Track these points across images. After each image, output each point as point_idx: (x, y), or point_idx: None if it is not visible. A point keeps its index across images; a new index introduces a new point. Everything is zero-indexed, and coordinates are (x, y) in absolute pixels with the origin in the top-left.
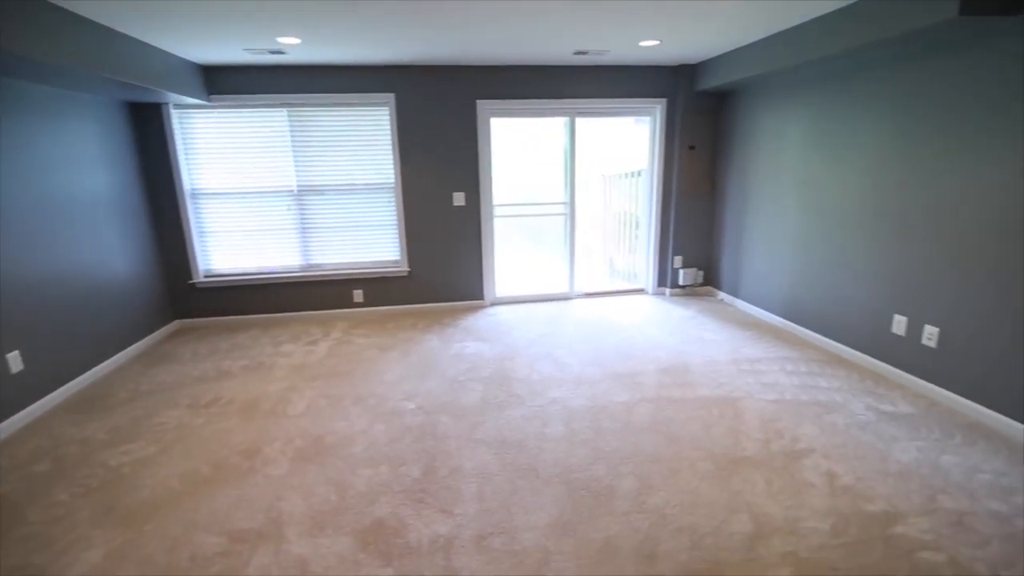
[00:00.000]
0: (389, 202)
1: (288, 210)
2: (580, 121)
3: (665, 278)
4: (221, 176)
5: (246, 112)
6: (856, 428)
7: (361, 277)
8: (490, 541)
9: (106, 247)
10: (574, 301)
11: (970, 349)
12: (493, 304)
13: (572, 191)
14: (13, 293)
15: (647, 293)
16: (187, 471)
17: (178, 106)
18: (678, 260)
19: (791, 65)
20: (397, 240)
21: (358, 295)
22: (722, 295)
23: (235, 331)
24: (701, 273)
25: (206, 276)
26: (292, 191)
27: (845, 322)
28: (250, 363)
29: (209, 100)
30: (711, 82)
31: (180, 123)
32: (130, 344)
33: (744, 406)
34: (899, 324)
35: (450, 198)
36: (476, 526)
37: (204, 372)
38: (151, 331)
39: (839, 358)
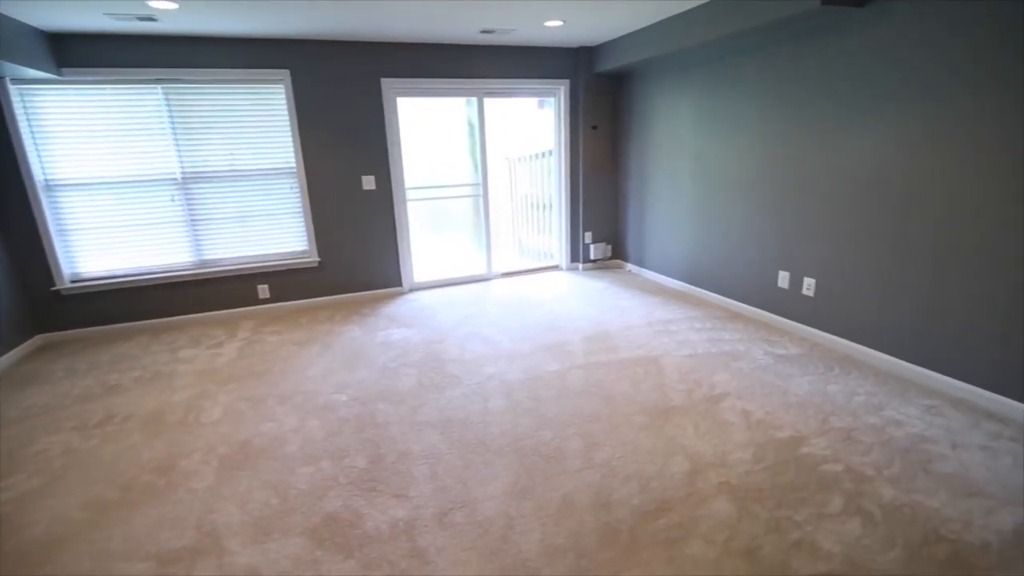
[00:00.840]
0: (292, 188)
1: (173, 201)
2: (488, 102)
3: (578, 254)
4: (84, 164)
5: (111, 89)
6: (759, 371)
7: (266, 271)
8: (452, 516)
9: None
10: (493, 281)
11: (839, 296)
12: (412, 290)
13: (485, 172)
14: None
15: (562, 269)
16: (89, 499)
17: (17, 80)
18: (588, 236)
19: (677, 49)
20: (304, 229)
21: (263, 290)
22: (630, 266)
23: (116, 341)
24: (610, 247)
25: (73, 281)
26: (176, 179)
27: (738, 281)
28: (144, 374)
29: (60, 74)
30: (609, 64)
31: (23, 101)
32: None
33: (664, 363)
34: (783, 279)
35: (359, 182)
36: (435, 505)
37: (87, 389)
38: (5, 351)
39: (736, 313)
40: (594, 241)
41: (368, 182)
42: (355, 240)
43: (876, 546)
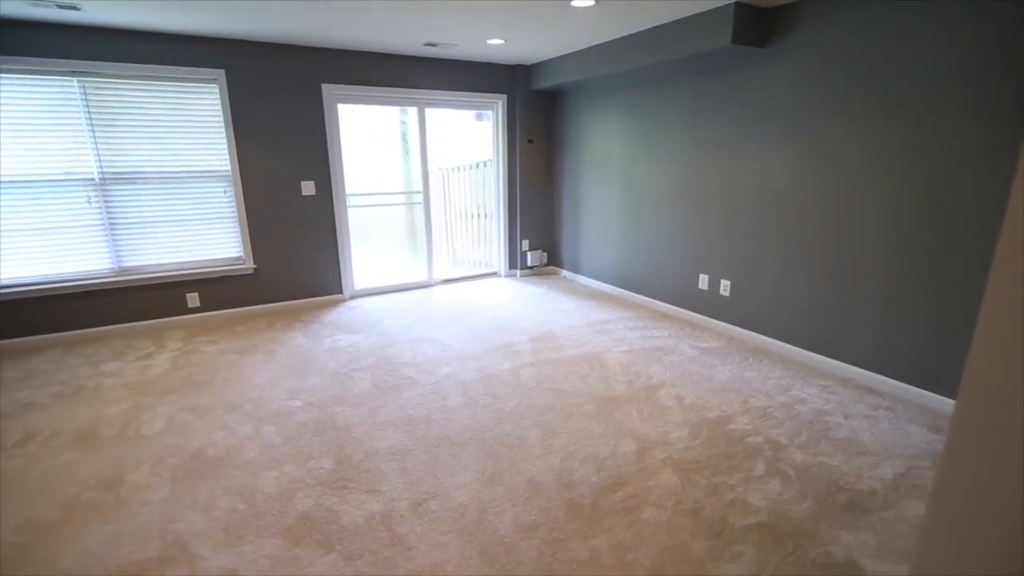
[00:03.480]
0: (226, 192)
1: (89, 203)
2: (429, 112)
3: (515, 261)
4: None
5: (15, 79)
6: (687, 362)
7: (196, 278)
8: (427, 506)
9: None
10: (435, 288)
11: (750, 295)
12: (354, 297)
13: (426, 181)
14: None
15: (500, 276)
16: (24, 521)
17: None
18: (526, 244)
19: (606, 73)
20: (238, 234)
21: (193, 299)
22: (565, 272)
23: (22, 356)
24: (545, 254)
25: None
26: (92, 179)
27: (664, 284)
28: (63, 389)
29: None
30: (544, 82)
31: None
32: None
33: (606, 358)
34: (703, 281)
35: (298, 187)
36: (409, 496)
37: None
38: None
39: (663, 313)
40: (531, 249)
41: (307, 187)
42: (293, 246)
43: (793, 500)
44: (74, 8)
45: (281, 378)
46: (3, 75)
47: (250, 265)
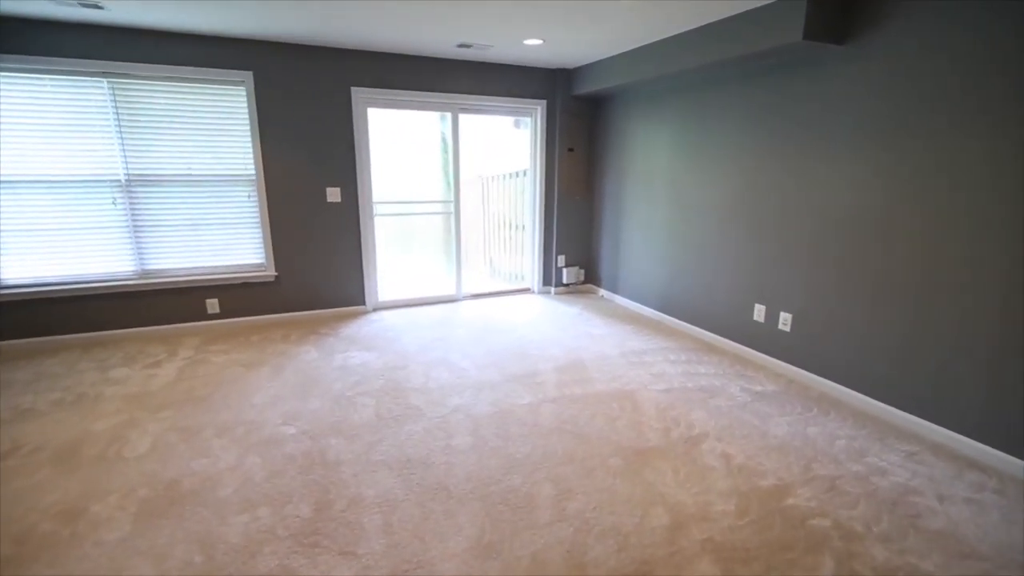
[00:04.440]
0: (250, 197)
1: (114, 204)
2: (463, 117)
3: (550, 277)
4: (15, 159)
5: (49, 80)
6: (737, 409)
7: (216, 284)
8: None
9: None
10: (462, 303)
11: (817, 332)
12: (376, 309)
13: (457, 190)
14: None
15: (533, 292)
16: None
17: None
18: (562, 259)
19: (656, 76)
20: (260, 240)
21: (213, 305)
22: (603, 292)
23: (39, 356)
24: (583, 272)
25: None
26: (119, 181)
27: (713, 312)
28: (65, 396)
29: None
30: (587, 87)
31: None
32: None
33: (640, 397)
34: (759, 312)
35: (323, 194)
36: (387, 565)
37: None
38: None
39: (710, 345)
40: (567, 265)
41: (333, 194)
42: (316, 254)
43: None
44: (97, 7)
45: (281, 399)
46: (35, 75)
47: (271, 272)
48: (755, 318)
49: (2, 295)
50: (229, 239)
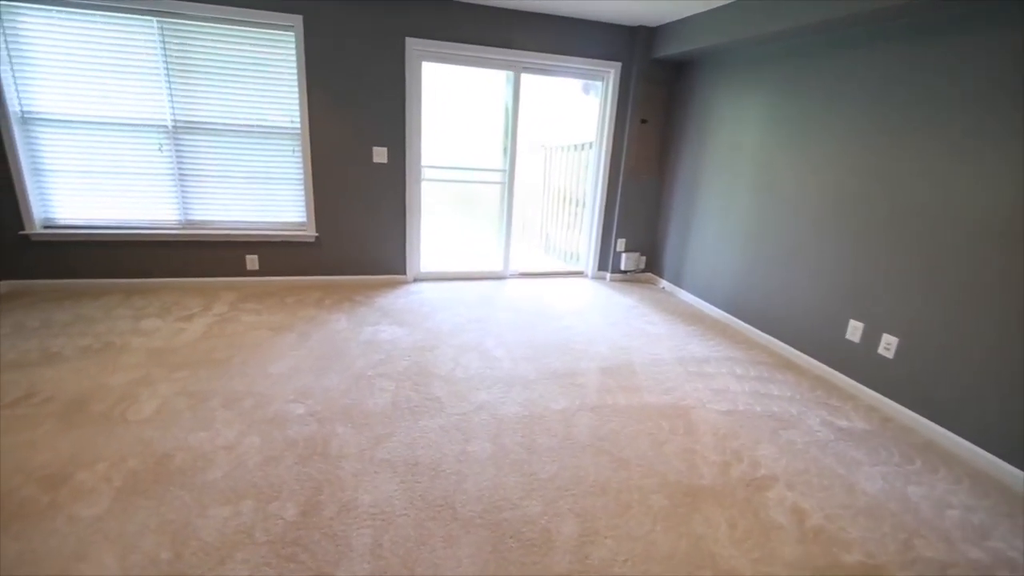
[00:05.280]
0: (295, 151)
1: (161, 151)
2: (526, 78)
3: (607, 261)
4: (66, 98)
5: (99, 16)
6: (816, 448)
7: (257, 240)
8: None
9: None
10: (508, 281)
11: (931, 364)
12: (416, 280)
13: (512, 158)
14: None
15: (587, 276)
16: None
17: None
18: (621, 243)
19: (756, 35)
20: (303, 198)
21: (252, 261)
22: (664, 283)
23: (82, 298)
24: (644, 258)
25: (45, 227)
26: (166, 127)
27: (796, 323)
28: (94, 342)
29: None
30: (670, 48)
31: (1, 20)
32: None
33: (696, 417)
34: (854, 330)
35: (369, 153)
36: None
37: (24, 355)
38: None
39: (788, 361)
40: (627, 250)
41: (379, 154)
42: (358, 218)
43: None
44: None
45: (299, 371)
46: (87, 10)
47: (312, 233)
48: (848, 336)
49: (56, 234)
50: (272, 195)
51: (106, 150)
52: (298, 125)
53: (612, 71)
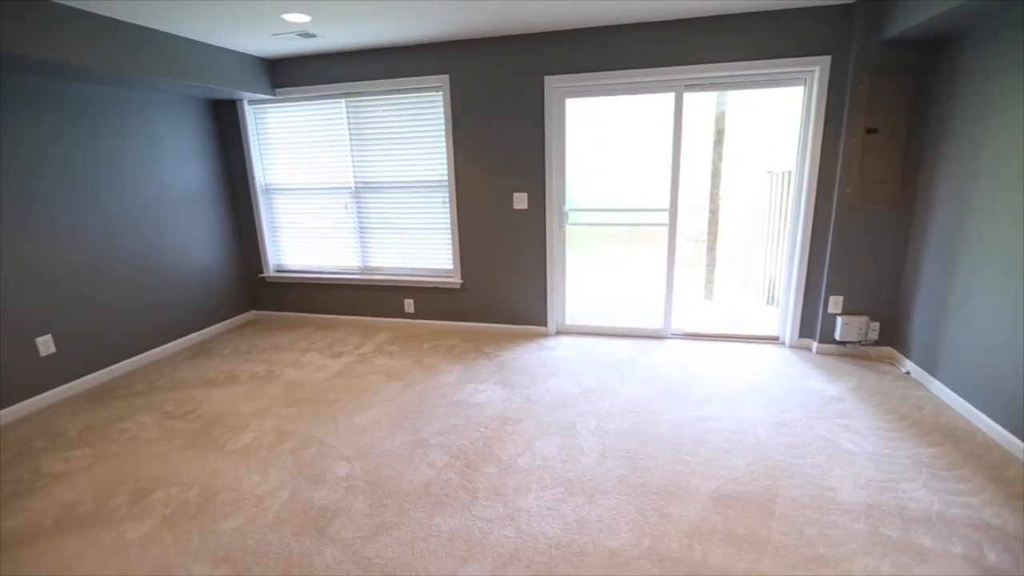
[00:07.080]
0: (444, 201)
1: (346, 208)
2: (689, 98)
3: (814, 327)
4: (289, 171)
5: (306, 105)
6: None
7: (414, 286)
8: None
9: (191, 237)
10: (667, 342)
11: None
12: (559, 333)
13: (675, 192)
14: (101, 278)
15: (783, 344)
16: (73, 502)
17: (252, 102)
18: (837, 302)
19: None
20: (450, 246)
21: (409, 305)
22: (909, 365)
23: (289, 329)
24: (876, 325)
25: (276, 271)
26: (350, 187)
27: None
28: (263, 370)
29: (274, 94)
30: (912, 19)
31: (254, 118)
32: (205, 327)
33: None
34: None
35: (510, 199)
36: None
37: (218, 373)
38: (229, 316)
39: None
40: (845, 311)
41: (519, 200)
42: (500, 265)
43: None
44: (311, 35)
45: (376, 425)
46: (300, 102)
47: (457, 280)
48: None
49: (280, 277)
50: (426, 243)
51: (311, 210)
52: (446, 177)
53: (816, 69)
